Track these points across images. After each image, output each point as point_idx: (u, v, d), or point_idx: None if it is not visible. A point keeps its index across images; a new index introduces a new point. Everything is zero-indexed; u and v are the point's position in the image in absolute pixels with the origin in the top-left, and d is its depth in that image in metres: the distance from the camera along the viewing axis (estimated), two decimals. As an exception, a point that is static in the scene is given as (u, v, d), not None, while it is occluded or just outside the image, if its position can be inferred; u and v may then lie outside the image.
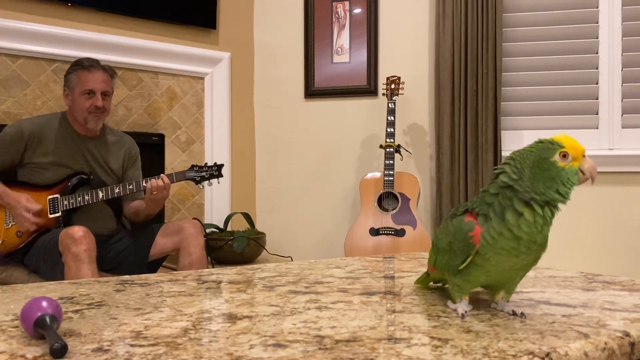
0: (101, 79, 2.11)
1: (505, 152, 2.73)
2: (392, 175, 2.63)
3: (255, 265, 1.10)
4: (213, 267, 2.39)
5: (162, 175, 2.09)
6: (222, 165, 2.19)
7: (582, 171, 0.66)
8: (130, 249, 2.19)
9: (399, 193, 2.63)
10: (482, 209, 0.68)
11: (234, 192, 3.03)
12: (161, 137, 2.80)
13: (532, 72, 2.78)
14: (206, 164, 2.18)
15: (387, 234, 2.58)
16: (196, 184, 2.14)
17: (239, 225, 2.93)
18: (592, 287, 0.88)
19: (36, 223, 1.99)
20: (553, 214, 0.66)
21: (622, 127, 2.69)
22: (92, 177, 2.13)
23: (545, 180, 0.65)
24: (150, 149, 2.76)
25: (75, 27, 2.52)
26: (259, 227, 3.04)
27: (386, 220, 2.60)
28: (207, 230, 2.76)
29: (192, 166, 2.15)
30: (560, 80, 2.75)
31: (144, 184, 2.08)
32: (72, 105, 2.12)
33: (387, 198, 2.67)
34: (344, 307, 0.74)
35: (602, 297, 0.81)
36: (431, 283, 0.88)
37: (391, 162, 2.64)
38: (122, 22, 2.68)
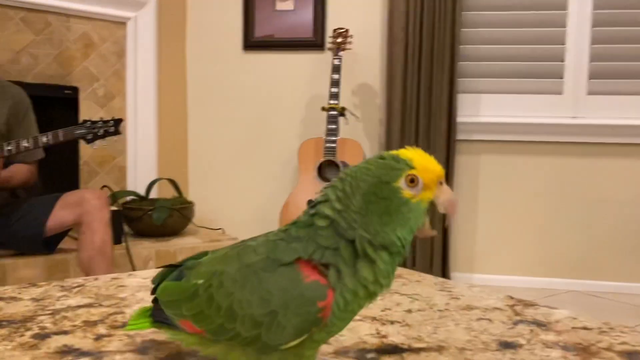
0: None
1: (461, 118, 2.48)
2: (335, 142, 2.36)
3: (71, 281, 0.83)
4: (126, 242, 2.13)
5: None
6: (120, 120, 1.84)
7: (436, 205, 0.44)
8: (23, 221, 1.91)
9: (342, 162, 2.36)
10: (325, 256, 0.42)
11: (162, 155, 2.72)
12: (75, 90, 2.46)
13: (493, 28, 2.51)
14: (101, 118, 1.85)
15: (327, 206, 2.33)
16: (87, 143, 1.81)
17: (165, 193, 2.63)
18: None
19: None
20: (395, 261, 0.43)
21: (588, 94, 2.46)
22: None
23: (382, 214, 0.42)
24: (62, 104, 2.43)
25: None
26: (190, 195, 2.75)
27: (326, 191, 2.34)
28: (128, 198, 2.47)
29: (84, 121, 1.81)
30: (524, 40, 2.50)
31: (44, 140, 1.76)
32: None
33: (329, 166, 2.40)
34: None
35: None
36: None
37: (334, 126, 2.37)
38: (23, -47, 2.28)
